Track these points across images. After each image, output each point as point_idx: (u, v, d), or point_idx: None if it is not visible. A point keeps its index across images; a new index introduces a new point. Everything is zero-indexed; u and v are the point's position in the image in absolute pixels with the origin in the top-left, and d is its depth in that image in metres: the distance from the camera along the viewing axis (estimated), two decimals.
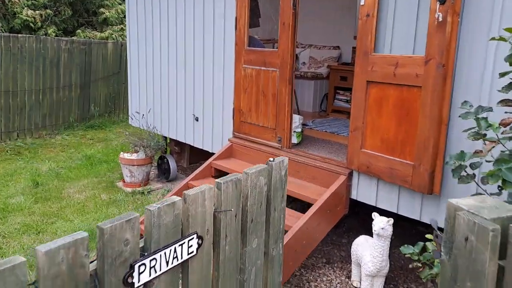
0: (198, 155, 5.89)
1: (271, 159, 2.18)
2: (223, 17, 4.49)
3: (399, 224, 3.84)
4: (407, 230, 4.03)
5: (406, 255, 2.29)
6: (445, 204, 3.16)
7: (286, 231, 3.29)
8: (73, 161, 6.46)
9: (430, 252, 2.29)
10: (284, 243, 3.10)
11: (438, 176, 2.98)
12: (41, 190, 5.22)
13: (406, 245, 2.36)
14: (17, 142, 7.34)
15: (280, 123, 4.07)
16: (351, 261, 3.85)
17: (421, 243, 2.32)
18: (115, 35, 10.90)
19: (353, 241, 4.33)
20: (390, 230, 3.11)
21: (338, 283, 3.54)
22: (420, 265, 2.28)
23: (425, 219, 3.20)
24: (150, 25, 5.48)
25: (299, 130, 4.32)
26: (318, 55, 6.64)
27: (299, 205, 4.85)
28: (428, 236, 2.34)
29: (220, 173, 4.38)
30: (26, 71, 7.53)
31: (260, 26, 5.80)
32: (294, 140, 4.25)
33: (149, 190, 5.32)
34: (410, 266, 2.33)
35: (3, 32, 8.84)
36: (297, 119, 4.26)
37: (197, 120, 4.96)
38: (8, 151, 6.87)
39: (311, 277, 3.59)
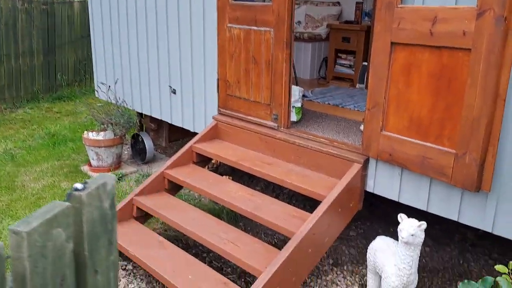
0: (179, 132, 5.07)
1: (78, 185, 1.04)
2: None
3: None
4: (439, 230, 3.35)
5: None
6: (496, 204, 2.48)
7: (287, 239, 2.57)
8: (34, 140, 5.60)
9: None
10: (287, 255, 2.39)
11: (489, 168, 2.26)
12: None
13: (466, 281, 1.65)
14: None
15: (276, 97, 3.27)
16: (363, 261, 3.18)
17: (490, 279, 1.61)
18: None
19: (362, 234, 3.68)
20: (421, 236, 2.41)
21: None
22: None
23: (465, 220, 2.50)
24: None
25: (299, 105, 3.54)
26: (315, 13, 5.76)
27: (300, 199, 4.14)
28: (499, 267, 1.63)
29: (203, 159, 3.61)
30: None
31: None
32: (294, 117, 3.48)
33: (120, 175, 4.54)
34: None
35: None
36: (296, 92, 3.47)
37: (174, 92, 4.12)
38: None
39: (316, 287, 2.92)
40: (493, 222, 2.37)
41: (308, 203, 4.03)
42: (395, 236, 2.44)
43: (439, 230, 3.60)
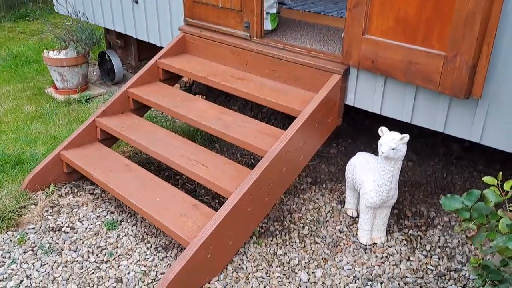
0: (149, 49, 4.65)
1: None
2: None
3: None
4: (423, 144, 3.14)
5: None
6: (486, 112, 2.24)
7: (259, 158, 2.37)
8: None
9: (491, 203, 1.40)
10: (258, 175, 2.20)
11: (482, 71, 2.00)
12: None
13: (449, 195, 1.46)
14: None
15: (247, 2, 2.89)
16: (342, 179, 3.04)
17: (476, 192, 1.43)
18: None
19: (343, 151, 3.51)
20: (403, 150, 2.22)
21: (329, 211, 2.75)
22: (474, 226, 1.40)
23: (451, 132, 2.30)
24: None
25: (274, 11, 3.16)
26: None
27: (279, 118, 3.89)
28: (488, 179, 1.44)
29: (172, 76, 3.29)
30: None
31: None
32: (268, 25, 3.12)
33: (88, 97, 4.23)
34: (456, 229, 1.45)
35: None
36: None
37: (136, 2, 3.68)
38: None
39: (294, 206, 2.79)
40: (482, 132, 2.17)
41: (288, 121, 3.81)
42: (377, 153, 2.25)
43: (424, 144, 3.44)
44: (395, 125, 2.57)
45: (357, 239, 2.50)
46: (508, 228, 1.22)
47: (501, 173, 1.39)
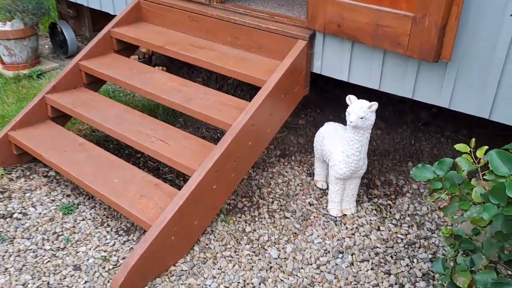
0: (104, 19, 4.35)
1: None
2: None
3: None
4: (392, 111, 3.05)
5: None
6: (455, 76, 2.15)
7: (224, 132, 2.24)
8: None
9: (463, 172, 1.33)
10: (222, 150, 2.08)
11: (451, 33, 1.91)
12: None
13: (420, 165, 1.38)
14: None
15: None
16: (312, 150, 2.96)
17: (448, 160, 1.35)
18: None
19: (312, 122, 3.41)
20: (372, 119, 2.14)
21: (298, 184, 2.67)
22: (446, 196, 1.33)
23: (420, 97, 2.23)
24: None
25: None
26: None
27: (246, 89, 3.74)
28: (460, 147, 1.36)
29: (126, 46, 3.07)
30: None
31: None
32: None
33: (39, 72, 3.94)
34: (428, 200, 1.38)
35: None
36: None
37: None
38: None
39: (262, 181, 2.69)
40: (451, 97, 2.10)
41: (255, 92, 3.67)
42: (346, 122, 2.16)
43: (392, 111, 3.38)
44: (364, 93, 2.47)
45: (327, 211, 2.44)
46: (482, 197, 1.15)
47: (473, 139, 1.32)
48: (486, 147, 1.27)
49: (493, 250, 1.24)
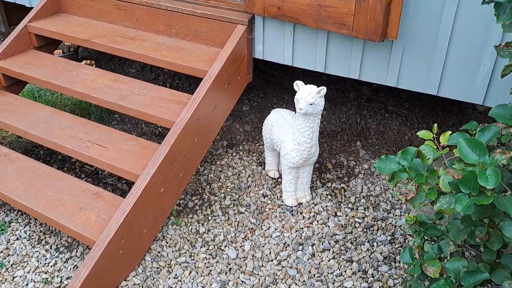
0: (21, 12, 3.94)
1: None
2: None
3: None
4: (334, 90, 2.95)
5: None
6: (401, 54, 2.10)
7: (167, 130, 2.07)
8: None
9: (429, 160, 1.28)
10: (167, 151, 1.92)
11: (396, 9, 1.86)
12: None
13: (384, 157, 1.31)
14: None
15: None
16: (259, 137, 2.86)
17: (412, 149, 1.30)
18: None
19: (256, 106, 3.30)
20: (322, 104, 2.06)
21: (249, 175, 2.57)
22: (413, 187, 1.28)
23: (367, 78, 2.18)
24: None
25: None
26: None
27: (184, 77, 3.53)
28: (423, 134, 1.31)
29: (48, 41, 2.76)
30: None
31: None
32: None
33: None
34: (395, 193, 1.32)
35: None
36: None
37: None
38: None
39: (211, 175, 2.56)
40: (398, 75, 2.07)
41: (195, 80, 3.49)
42: (291, 104, 2.06)
43: (334, 90, 3.35)
44: (305, 73, 2.39)
45: (282, 201, 2.36)
46: (450, 186, 1.11)
47: (436, 125, 1.27)
48: (449, 132, 1.22)
49: (461, 236, 1.21)
